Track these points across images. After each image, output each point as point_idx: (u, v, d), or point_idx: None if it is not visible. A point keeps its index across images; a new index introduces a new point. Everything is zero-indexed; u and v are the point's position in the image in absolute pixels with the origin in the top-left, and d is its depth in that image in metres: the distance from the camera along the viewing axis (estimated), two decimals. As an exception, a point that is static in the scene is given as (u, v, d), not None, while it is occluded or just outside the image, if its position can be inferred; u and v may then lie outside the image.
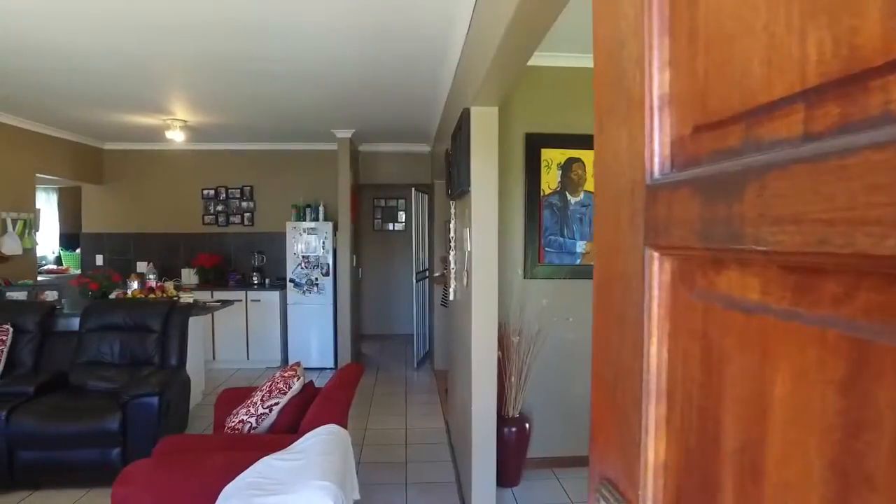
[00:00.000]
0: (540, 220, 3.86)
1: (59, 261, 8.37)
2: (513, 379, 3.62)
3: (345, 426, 2.74)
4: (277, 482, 2.07)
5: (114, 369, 4.14)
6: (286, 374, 3.05)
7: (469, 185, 3.02)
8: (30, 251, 6.08)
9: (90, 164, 7.12)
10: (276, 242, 7.10)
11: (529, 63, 2.54)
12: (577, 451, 3.93)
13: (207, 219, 7.37)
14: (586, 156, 3.84)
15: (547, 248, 3.89)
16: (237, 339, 6.76)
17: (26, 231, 5.97)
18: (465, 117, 3.05)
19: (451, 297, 4.00)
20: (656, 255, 0.50)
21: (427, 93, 4.63)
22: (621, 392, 0.55)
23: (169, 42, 3.41)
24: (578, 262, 3.89)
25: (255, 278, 6.97)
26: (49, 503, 3.49)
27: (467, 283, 3.16)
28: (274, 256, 7.17)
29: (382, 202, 8.70)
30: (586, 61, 3.76)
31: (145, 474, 2.46)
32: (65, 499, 3.53)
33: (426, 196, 7.25)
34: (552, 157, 3.87)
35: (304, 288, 6.69)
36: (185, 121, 5.74)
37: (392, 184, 7.62)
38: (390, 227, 8.76)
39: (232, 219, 7.36)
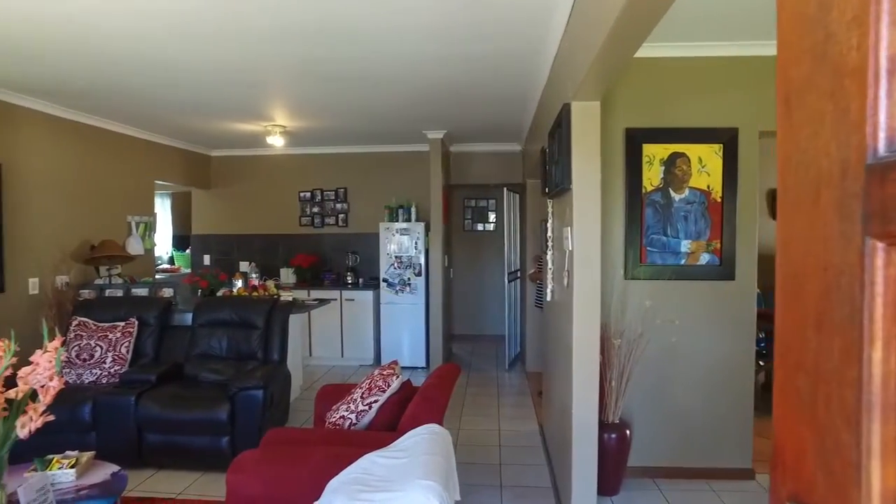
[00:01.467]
0: (642, 219, 3.70)
1: (171, 260, 9.03)
2: (613, 383, 3.48)
3: (441, 426, 2.74)
4: (382, 479, 2.08)
5: (222, 362, 4.38)
6: (385, 373, 3.09)
7: (570, 182, 2.93)
8: (150, 251, 6.59)
9: (199, 171, 7.61)
10: (370, 243, 7.28)
11: (631, 55, 2.42)
12: (681, 461, 3.74)
13: (304, 220, 7.67)
14: (692, 150, 3.64)
15: (649, 248, 3.71)
16: (332, 336, 6.98)
17: (147, 233, 6.47)
18: (564, 113, 2.96)
19: (549, 298, 3.91)
20: (881, 245, 0.43)
21: (519, 90, 4.56)
22: (825, 405, 0.48)
23: (270, 51, 3.55)
24: (683, 262, 3.69)
25: (349, 278, 7.17)
26: (170, 482, 3.75)
27: (568, 283, 3.07)
28: (367, 256, 7.35)
29: (473, 202, 8.71)
30: (691, 50, 3.58)
31: (255, 463, 2.56)
32: (183, 480, 3.77)
33: (518, 195, 7.18)
34: (654, 153, 3.69)
35: (397, 288, 6.80)
36: (284, 126, 6.00)
37: (483, 184, 7.60)
38: (481, 227, 8.75)
39: (327, 220, 7.62)
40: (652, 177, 3.68)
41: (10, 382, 2.41)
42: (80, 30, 3.18)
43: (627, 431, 3.54)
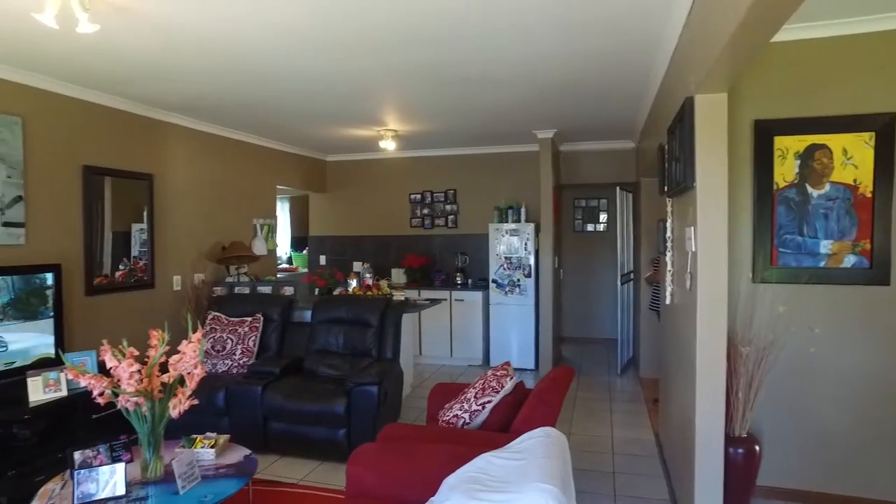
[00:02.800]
0: (773, 217, 3.41)
1: (290, 260, 9.63)
2: (740, 394, 3.23)
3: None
4: (498, 479, 2.07)
5: (339, 358, 4.58)
6: (498, 373, 3.08)
7: (693, 180, 2.77)
8: (272, 252, 7.06)
9: (316, 175, 8.04)
10: (479, 244, 7.32)
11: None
12: (822, 486, 3.40)
13: (414, 222, 7.86)
14: (834, 140, 3.30)
15: (781, 249, 3.42)
16: (441, 336, 7.09)
17: (269, 235, 6.93)
18: (686, 107, 2.80)
19: (667, 301, 3.72)
20: None
21: (635, 86, 4.39)
22: None
23: (383, 57, 3.66)
24: (823, 264, 3.36)
25: (458, 278, 7.26)
26: (292, 468, 3.98)
27: (690, 286, 2.90)
28: (476, 257, 7.40)
29: (583, 202, 8.50)
30: (835, 28, 3.24)
31: (374, 456, 2.65)
32: (303, 467, 3.99)
33: (631, 195, 6.92)
34: (788, 146, 3.39)
35: (506, 289, 6.78)
36: (396, 130, 6.19)
37: (594, 183, 7.40)
38: (591, 227, 8.52)
39: (437, 221, 7.76)
40: (785, 172, 3.39)
41: (162, 368, 2.67)
42: (215, 49, 3.45)
43: (756, 447, 3.28)
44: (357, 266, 7.59)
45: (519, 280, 6.76)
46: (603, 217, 8.47)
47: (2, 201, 3.82)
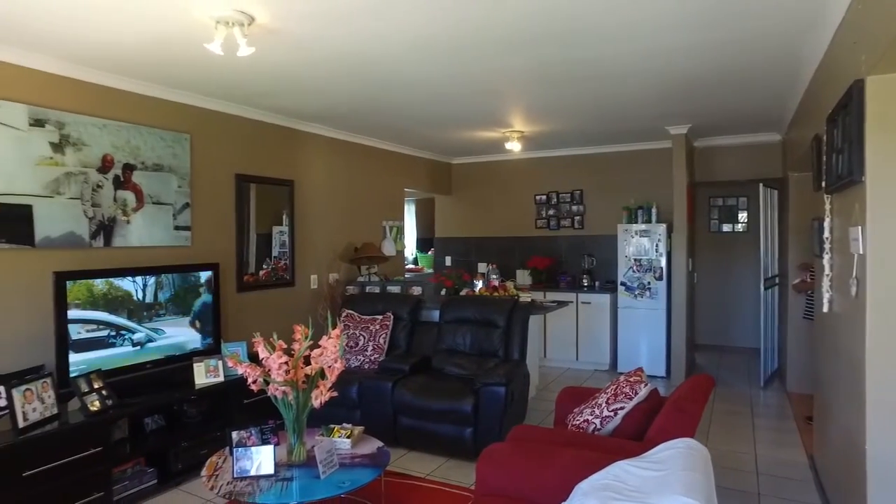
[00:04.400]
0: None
1: (415, 261, 9.93)
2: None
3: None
4: (635, 490, 1.98)
5: (465, 357, 4.63)
6: (632, 379, 2.96)
7: (861, 174, 2.47)
8: (400, 253, 7.32)
9: (441, 178, 8.23)
10: (606, 245, 7.10)
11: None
12: None
13: (539, 223, 7.78)
14: None
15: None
16: (567, 339, 6.95)
17: (397, 236, 7.20)
18: (854, 91, 2.50)
19: (825, 309, 3.35)
20: None
21: (782, 73, 4.02)
22: None
23: (508, 58, 3.64)
24: None
25: (584, 280, 7.09)
26: (420, 462, 4.09)
27: (857, 293, 2.59)
28: (603, 259, 7.18)
29: (720, 201, 7.94)
30: None
31: (504, 457, 2.65)
32: (430, 463, 4.09)
33: (776, 192, 6.36)
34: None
35: (636, 292, 6.50)
36: (522, 132, 6.16)
37: (732, 180, 6.87)
38: (728, 227, 7.93)
39: (563, 222, 7.62)
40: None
41: (304, 361, 2.86)
42: (346, 61, 3.65)
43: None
44: (482, 267, 7.66)
45: (649, 283, 6.45)
46: (742, 216, 7.85)
47: (174, 208, 4.33)
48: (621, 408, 2.88)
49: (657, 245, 6.42)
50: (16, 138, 3.38)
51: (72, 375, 3.41)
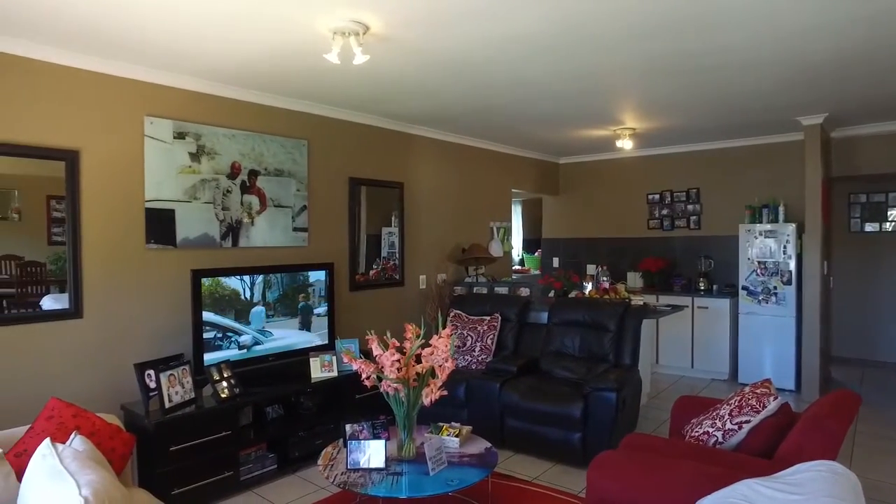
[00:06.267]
0: None
1: (522, 262, 9.85)
2: None
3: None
4: (766, 512, 1.82)
5: (574, 361, 4.53)
6: (759, 391, 2.74)
7: None
8: (507, 254, 7.29)
9: (548, 178, 8.09)
10: (726, 246, 6.65)
11: None
12: None
13: (652, 223, 7.44)
14: None
15: None
16: (682, 345, 6.59)
17: (505, 237, 7.17)
18: None
19: None
20: None
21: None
22: None
23: (616, 51, 3.50)
24: None
25: (701, 284, 6.68)
26: (526, 466, 4.04)
27: None
28: (722, 261, 6.72)
29: (863, 197, 7.15)
30: None
31: (617, 465, 2.55)
32: (537, 467, 4.03)
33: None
34: None
35: (760, 297, 6.03)
36: (633, 129, 5.92)
37: (879, 174, 6.17)
38: (873, 227, 7.12)
39: (677, 222, 7.23)
40: None
41: (415, 360, 2.91)
42: (457, 63, 3.69)
43: None
44: (591, 269, 7.45)
45: (776, 287, 5.95)
46: (892, 214, 7.03)
47: (293, 210, 4.61)
48: (747, 421, 2.67)
49: (785, 247, 5.91)
50: (163, 150, 3.82)
51: (205, 364, 3.73)
